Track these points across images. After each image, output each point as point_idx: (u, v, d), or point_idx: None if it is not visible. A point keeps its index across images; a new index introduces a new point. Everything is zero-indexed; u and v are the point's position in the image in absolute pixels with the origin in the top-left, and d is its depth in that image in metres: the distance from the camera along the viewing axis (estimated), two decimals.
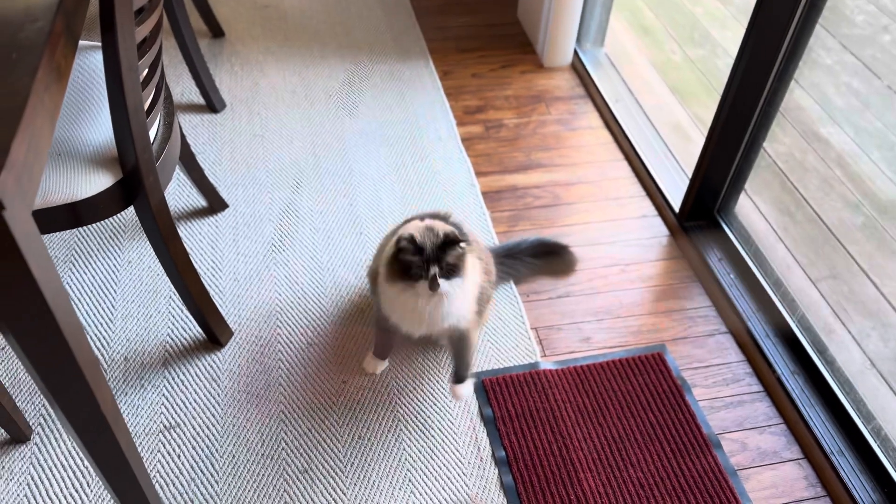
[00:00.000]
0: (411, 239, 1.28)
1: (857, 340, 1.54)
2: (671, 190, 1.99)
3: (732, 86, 1.65)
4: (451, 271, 1.30)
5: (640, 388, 1.56)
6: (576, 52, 2.49)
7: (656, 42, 2.60)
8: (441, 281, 1.28)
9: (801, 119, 1.71)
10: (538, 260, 1.76)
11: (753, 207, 1.84)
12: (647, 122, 2.24)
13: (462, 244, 1.30)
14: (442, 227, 1.32)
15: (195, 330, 1.63)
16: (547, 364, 1.60)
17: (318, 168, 2.06)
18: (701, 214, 1.88)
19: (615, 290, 1.78)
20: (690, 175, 1.86)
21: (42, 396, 1.46)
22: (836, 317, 1.59)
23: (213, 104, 2.19)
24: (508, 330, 1.67)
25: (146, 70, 1.26)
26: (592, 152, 2.18)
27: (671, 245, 1.90)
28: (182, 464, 1.41)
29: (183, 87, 2.29)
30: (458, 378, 1.47)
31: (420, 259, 1.28)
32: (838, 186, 1.62)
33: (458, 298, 1.34)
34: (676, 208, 1.93)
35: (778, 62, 1.60)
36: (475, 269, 1.39)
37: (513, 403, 1.52)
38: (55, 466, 1.39)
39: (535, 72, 2.49)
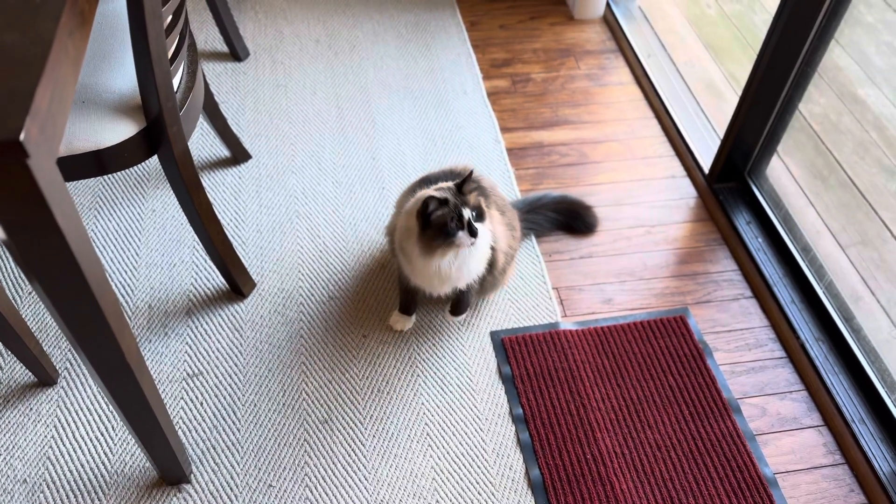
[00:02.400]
0: (431, 197, 1.30)
1: (885, 309, 1.51)
2: (701, 150, 1.95)
3: (770, 43, 1.59)
4: (479, 214, 1.33)
5: (661, 351, 1.55)
6: (608, 4, 2.42)
7: None
8: (477, 225, 1.31)
9: (837, 79, 1.65)
10: (559, 216, 1.75)
11: (785, 170, 1.80)
12: (678, 79, 2.18)
13: (473, 177, 1.35)
14: (453, 177, 1.41)
15: (218, 280, 1.64)
16: (567, 324, 1.60)
17: (342, 120, 2.04)
18: (731, 176, 1.84)
19: (639, 252, 1.76)
20: (722, 135, 1.82)
21: (68, 341, 1.49)
22: (865, 284, 1.57)
23: (236, 52, 2.17)
24: (529, 289, 1.66)
25: (170, 17, 1.24)
26: (621, 109, 2.13)
27: (699, 207, 1.87)
28: (205, 411, 1.44)
29: (206, 35, 2.26)
30: (457, 312, 1.58)
31: (449, 209, 1.30)
32: (874, 150, 1.58)
33: (480, 249, 1.38)
34: (706, 169, 1.89)
35: (819, 19, 1.53)
36: (491, 213, 1.43)
37: (531, 362, 1.52)
38: (81, 410, 1.42)
39: (565, 24, 2.42)
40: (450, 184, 1.37)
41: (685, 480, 1.36)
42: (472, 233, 1.30)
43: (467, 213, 1.29)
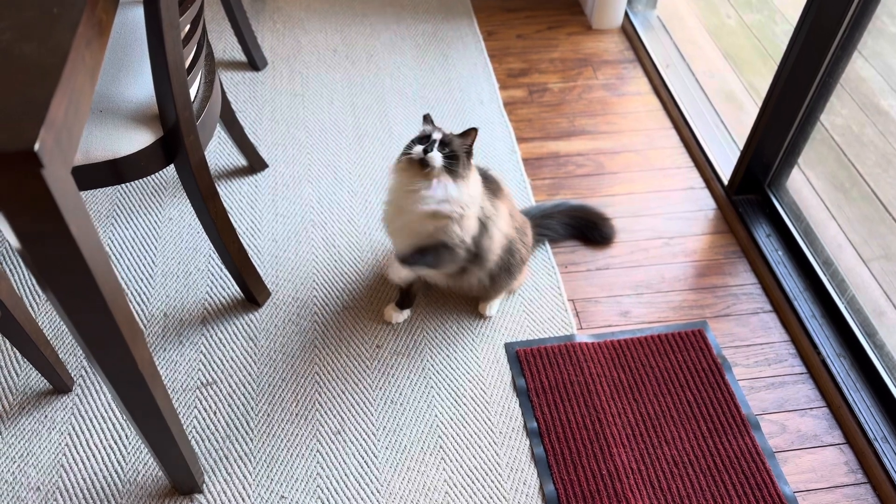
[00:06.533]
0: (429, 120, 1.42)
1: None
2: (721, 161, 1.92)
3: (791, 54, 1.57)
4: (452, 161, 1.34)
5: (679, 365, 1.53)
6: (626, 14, 2.41)
7: (711, 5, 2.50)
8: (437, 154, 1.32)
9: (860, 90, 1.63)
10: (575, 223, 1.74)
11: (806, 182, 1.77)
12: (698, 90, 2.16)
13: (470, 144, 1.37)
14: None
15: (233, 289, 1.64)
16: (583, 337, 1.58)
17: (358, 129, 2.04)
18: (750, 188, 1.82)
19: (657, 264, 1.74)
20: (742, 146, 1.79)
21: (82, 350, 1.49)
22: (888, 299, 1.53)
23: (254, 62, 2.18)
24: (545, 301, 1.65)
25: (187, 26, 1.24)
26: (640, 120, 2.11)
27: (718, 219, 1.84)
28: (218, 420, 1.43)
29: (225, 44, 2.27)
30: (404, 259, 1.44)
31: (431, 129, 1.38)
32: None
33: (445, 189, 1.35)
34: (725, 181, 1.86)
35: (842, 30, 1.51)
36: (472, 186, 1.39)
37: (546, 375, 1.50)
38: (95, 418, 1.42)
39: (583, 34, 2.41)
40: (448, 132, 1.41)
41: (702, 498, 1.34)
42: (426, 150, 1.33)
43: (437, 135, 1.36)
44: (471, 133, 1.37)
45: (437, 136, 1.36)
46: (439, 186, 1.34)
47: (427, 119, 1.42)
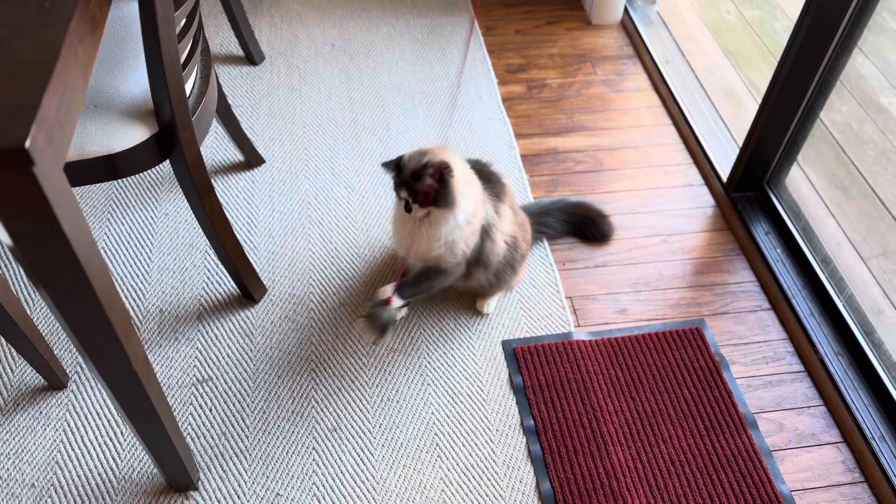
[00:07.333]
0: (398, 159, 1.35)
1: None
2: (720, 158, 1.92)
3: (791, 50, 1.57)
4: (429, 200, 1.31)
5: (676, 363, 1.52)
6: (626, 10, 2.39)
7: (711, 1, 2.49)
8: (414, 206, 1.32)
9: (860, 87, 1.62)
10: (573, 220, 1.73)
11: (805, 180, 1.77)
12: (697, 86, 2.16)
13: (445, 173, 1.29)
14: (433, 157, 1.31)
15: (230, 285, 1.64)
16: (580, 334, 1.57)
17: (356, 125, 2.03)
18: (750, 185, 1.81)
19: (655, 261, 1.73)
20: (741, 143, 1.79)
21: (75, 348, 1.49)
22: (887, 297, 1.53)
23: (251, 56, 2.16)
24: (542, 298, 1.64)
25: (183, 21, 1.23)
26: (639, 116, 2.10)
27: (716, 216, 1.84)
28: (213, 417, 1.43)
29: (222, 39, 2.26)
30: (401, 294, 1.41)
31: (398, 179, 1.34)
32: None
33: (443, 228, 1.35)
34: (724, 178, 1.86)
35: (842, 26, 1.50)
36: (469, 200, 1.35)
37: (543, 373, 1.50)
38: (90, 414, 1.42)
39: (583, 29, 2.40)
40: (428, 157, 1.31)
41: (699, 497, 1.34)
42: (406, 209, 1.34)
43: (403, 194, 1.33)
44: (425, 170, 1.28)
45: (404, 194, 1.32)
46: (436, 224, 1.34)
47: (389, 166, 1.36)
